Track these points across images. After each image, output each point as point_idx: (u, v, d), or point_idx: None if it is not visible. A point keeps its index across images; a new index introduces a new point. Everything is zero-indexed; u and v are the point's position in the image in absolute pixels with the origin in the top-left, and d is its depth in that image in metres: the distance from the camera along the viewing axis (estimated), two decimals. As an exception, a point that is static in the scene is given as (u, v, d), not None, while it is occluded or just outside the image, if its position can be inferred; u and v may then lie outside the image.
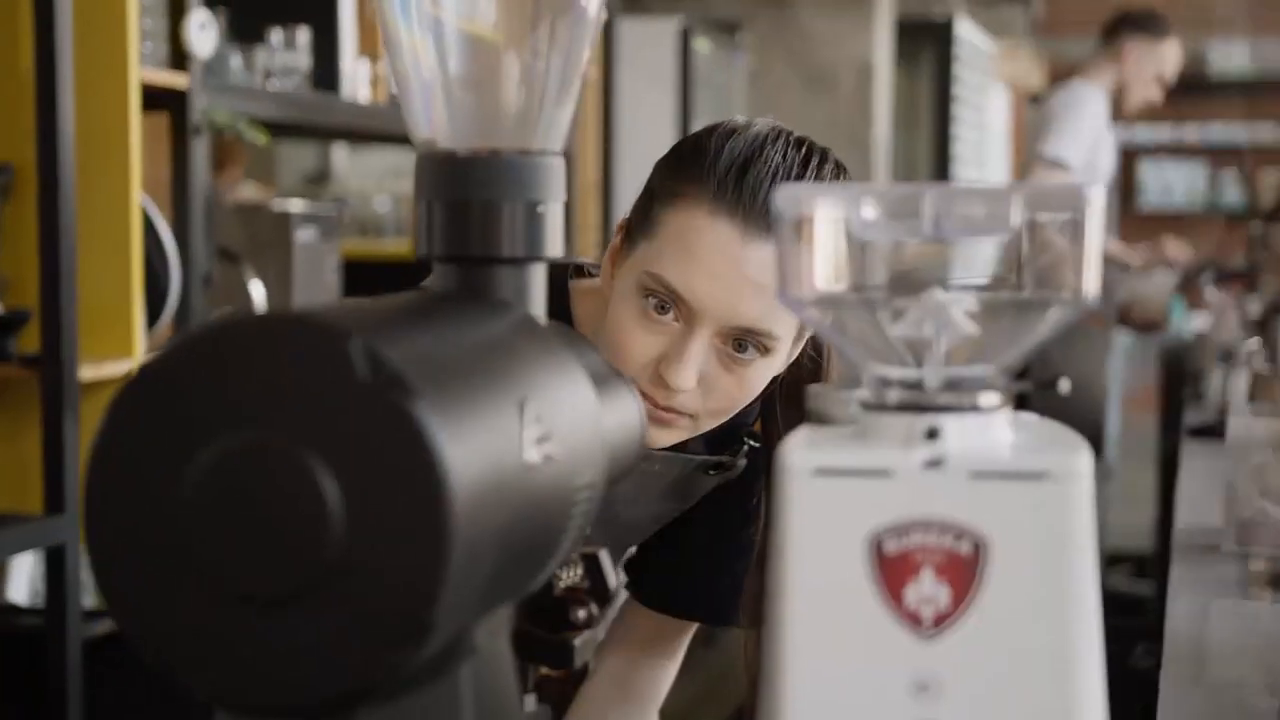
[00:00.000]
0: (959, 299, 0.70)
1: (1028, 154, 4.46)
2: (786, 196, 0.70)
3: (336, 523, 0.60)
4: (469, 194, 0.80)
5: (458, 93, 0.81)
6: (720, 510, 1.44)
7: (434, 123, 0.82)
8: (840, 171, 1.29)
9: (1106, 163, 4.47)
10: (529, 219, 0.80)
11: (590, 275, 1.41)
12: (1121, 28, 4.48)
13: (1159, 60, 4.44)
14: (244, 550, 0.61)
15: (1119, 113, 4.49)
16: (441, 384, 0.63)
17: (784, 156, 1.24)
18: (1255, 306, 4.17)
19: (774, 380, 1.31)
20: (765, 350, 1.24)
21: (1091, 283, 0.69)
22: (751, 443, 1.40)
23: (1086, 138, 4.35)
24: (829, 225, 0.70)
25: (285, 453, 0.61)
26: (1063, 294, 0.69)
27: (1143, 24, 4.45)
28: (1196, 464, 2.67)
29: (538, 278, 0.82)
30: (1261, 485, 1.94)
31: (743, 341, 1.24)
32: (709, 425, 1.28)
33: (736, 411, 1.28)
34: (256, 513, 0.61)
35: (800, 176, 1.23)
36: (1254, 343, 3.09)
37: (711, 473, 1.41)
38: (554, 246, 0.82)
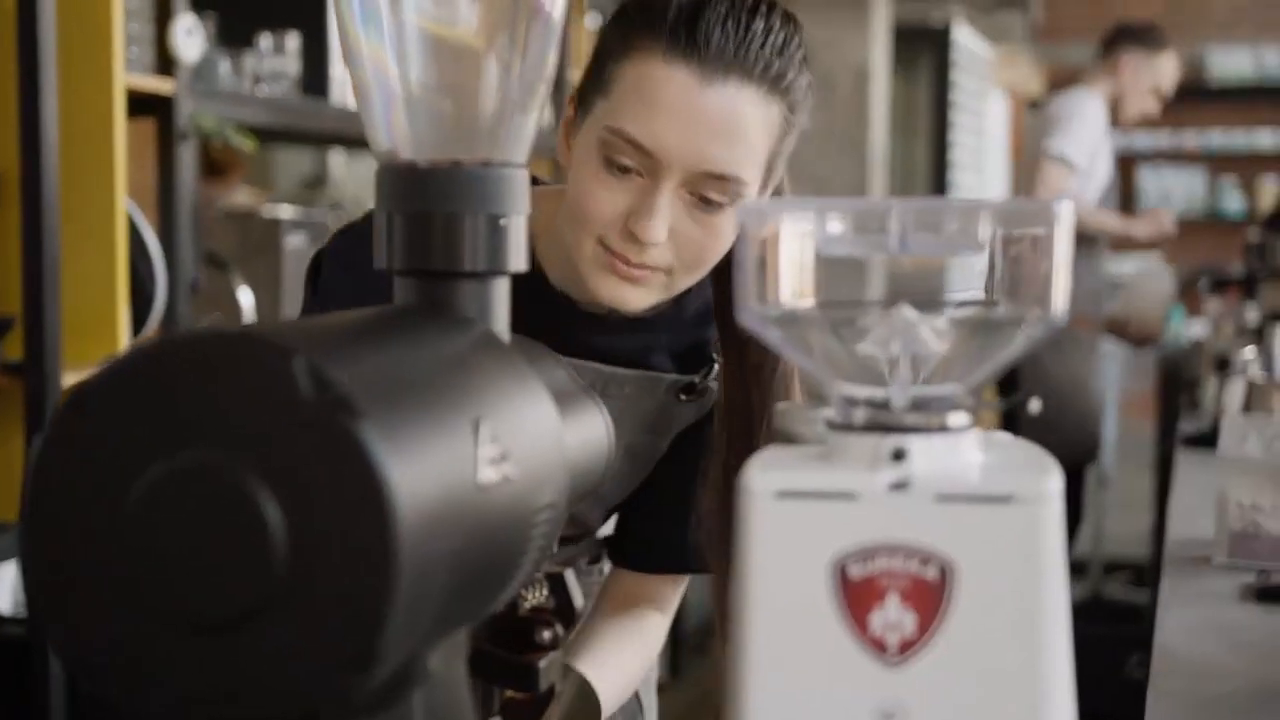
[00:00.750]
0: (927, 317, 0.68)
1: (1028, 153, 4.45)
2: (750, 212, 0.69)
3: (280, 546, 0.58)
4: (430, 206, 0.78)
5: (418, 102, 0.79)
6: (690, 456, 1.42)
7: (394, 133, 0.80)
8: (790, 23, 1.26)
9: (1104, 169, 4.47)
10: (491, 232, 0.79)
11: (537, 183, 1.40)
12: (1118, 40, 4.48)
13: (1155, 73, 4.44)
14: (186, 573, 0.59)
15: (1115, 122, 4.49)
16: (391, 403, 0.61)
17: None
18: (1253, 314, 4.15)
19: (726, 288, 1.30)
20: (734, 198, 1.22)
21: (1061, 301, 0.67)
22: (717, 360, 1.39)
23: (1088, 142, 4.35)
24: (794, 240, 0.69)
25: (228, 474, 0.59)
26: (1033, 312, 0.67)
27: (1139, 37, 4.45)
28: (1191, 473, 2.65)
29: (501, 292, 0.80)
30: (1254, 498, 1.92)
31: (708, 197, 1.22)
32: (684, 282, 1.26)
33: (709, 267, 1.26)
34: (198, 535, 0.59)
35: (752, 16, 1.21)
36: (1250, 351, 3.08)
37: (684, 398, 1.39)
38: (518, 260, 0.80)
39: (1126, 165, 9.95)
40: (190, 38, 2.53)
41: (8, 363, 2.27)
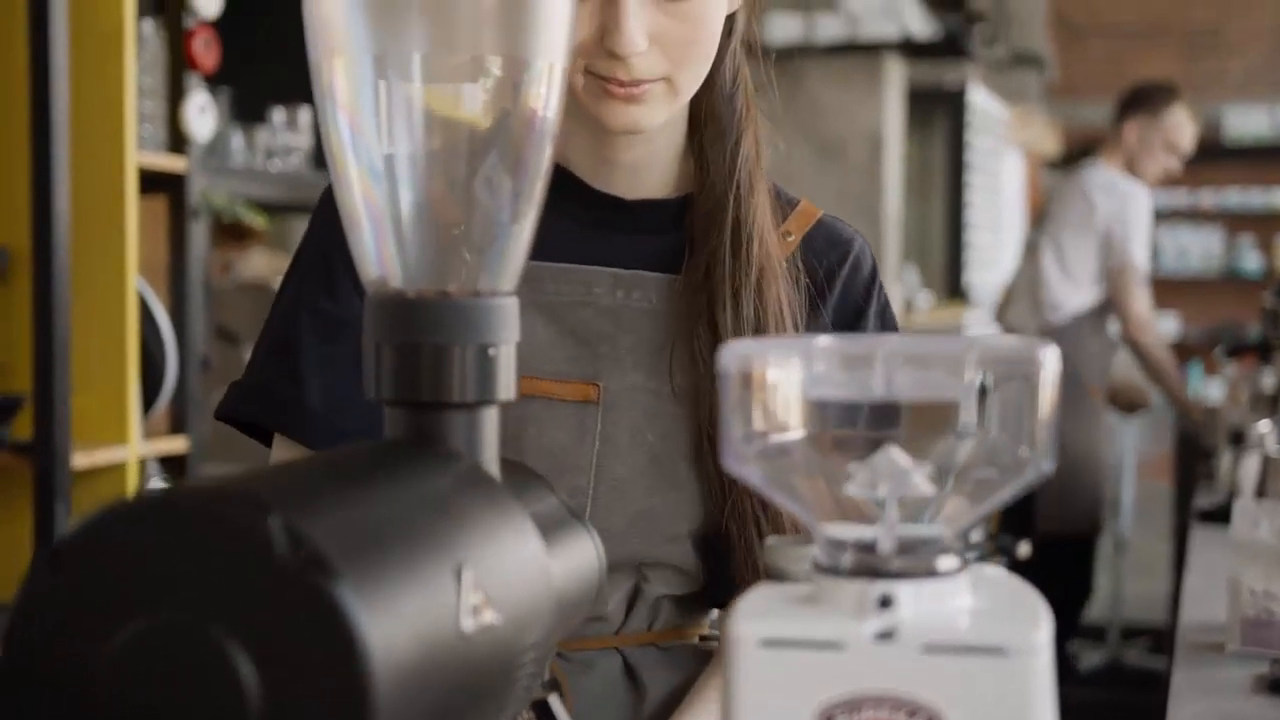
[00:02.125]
0: (916, 462, 0.67)
1: (1111, 258, 4.37)
2: (733, 354, 0.68)
3: (255, 707, 0.58)
4: (419, 337, 0.77)
5: (408, 231, 0.79)
6: None
7: (384, 261, 0.80)
8: None
9: None
10: (480, 362, 0.78)
11: None
12: (1123, 107, 4.51)
13: (1164, 132, 4.43)
14: (161, 732, 0.59)
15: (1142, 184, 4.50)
16: (369, 558, 0.61)
17: None
18: (1270, 380, 4.12)
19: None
20: None
21: (1047, 446, 0.66)
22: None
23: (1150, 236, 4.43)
24: (777, 382, 0.68)
25: (203, 633, 0.58)
26: (1023, 455, 0.67)
27: (1140, 100, 4.47)
28: (1205, 552, 2.63)
29: (489, 422, 0.79)
30: (1266, 584, 1.90)
31: None
32: (689, 86, 1.19)
33: (710, 59, 1.19)
34: (174, 695, 0.58)
35: None
36: (1265, 425, 3.05)
37: None
38: (506, 389, 0.79)
39: (1143, 224, 9.94)
40: (203, 115, 2.55)
41: (17, 442, 2.28)
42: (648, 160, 1.26)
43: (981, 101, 7.42)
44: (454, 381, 0.77)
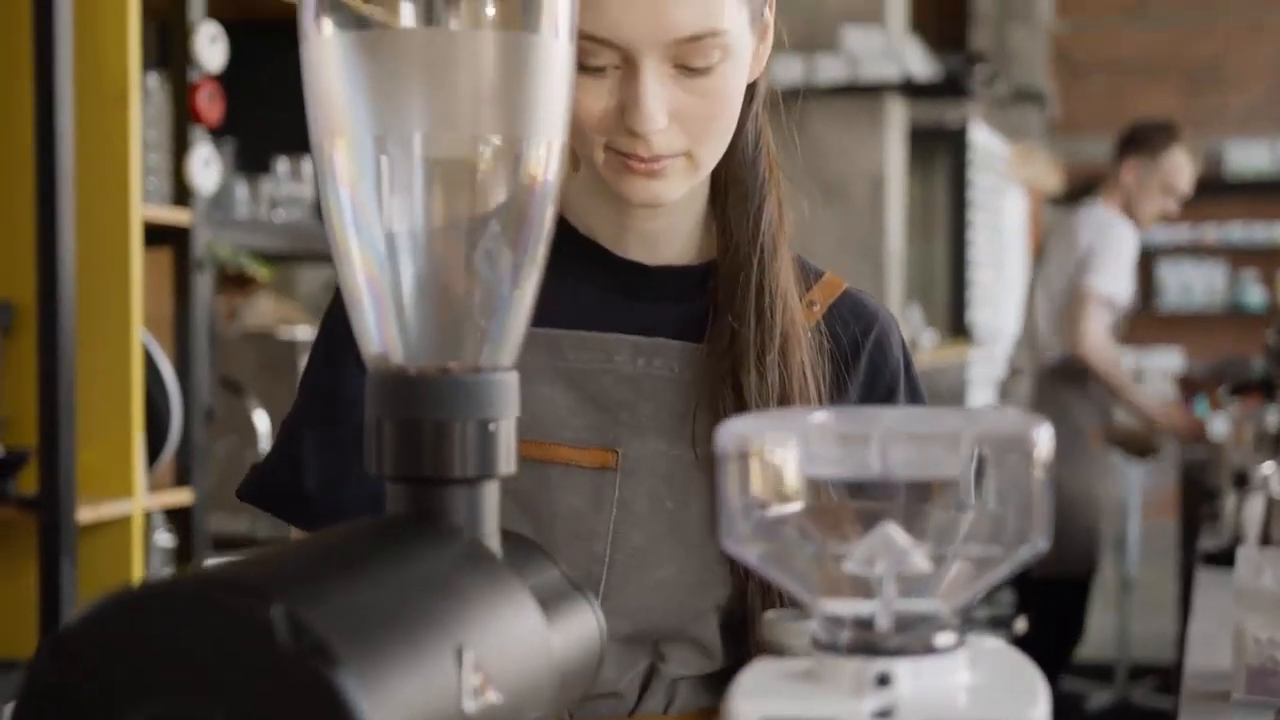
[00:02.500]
0: (912, 540, 0.68)
1: (1059, 280, 4.41)
2: (730, 433, 0.69)
3: (257, 795, 0.58)
4: (420, 413, 0.78)
5: (409, 308, 0.80)
6: None
7: (385, 338, 0.80)
8: None
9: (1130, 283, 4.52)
10: (481, 437, 0.79)
11: None
12: (1122, 147, 4.53)
13: (1162, 174, 4.44)
14: (164, 820, 0.59)
15: (1135, 224, 4.52)
16: (370, 643, 0.61)
17: None
18: (1274, 418, 4.12)
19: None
20: (722, 51, 1.13)
21: (1043, 523, 0.67)
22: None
23: (1127, 273, 4.40)
24: (774, 461, 0.69)
25: (205, 721, 0.59)
26: (1016, 535, 0.67)
27: (1139, 141, 4.48)
28: (1210, 596, 2.62)
29: (490, 496, 0.80)
30: (1271, 632, 1.90)
31: (692, 65, 1.13)
32: (709, 160, 1.17)
33: (730, 132, 1.17)
34: (176, 782, 0.59)
35: None
36: (1269, 466, 3.05)
37: None
38: (507, 463, 0.80)
39: (1146, 259, 9.96)
40: (207, 168, 2.56)
41: (22, 496, 2.28)
42: (670, 228, 1.26)
43: (983, 139, 7.44)
44: (455, 457, 0.78)
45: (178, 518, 2.63)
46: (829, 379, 1.24)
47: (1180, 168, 4.48)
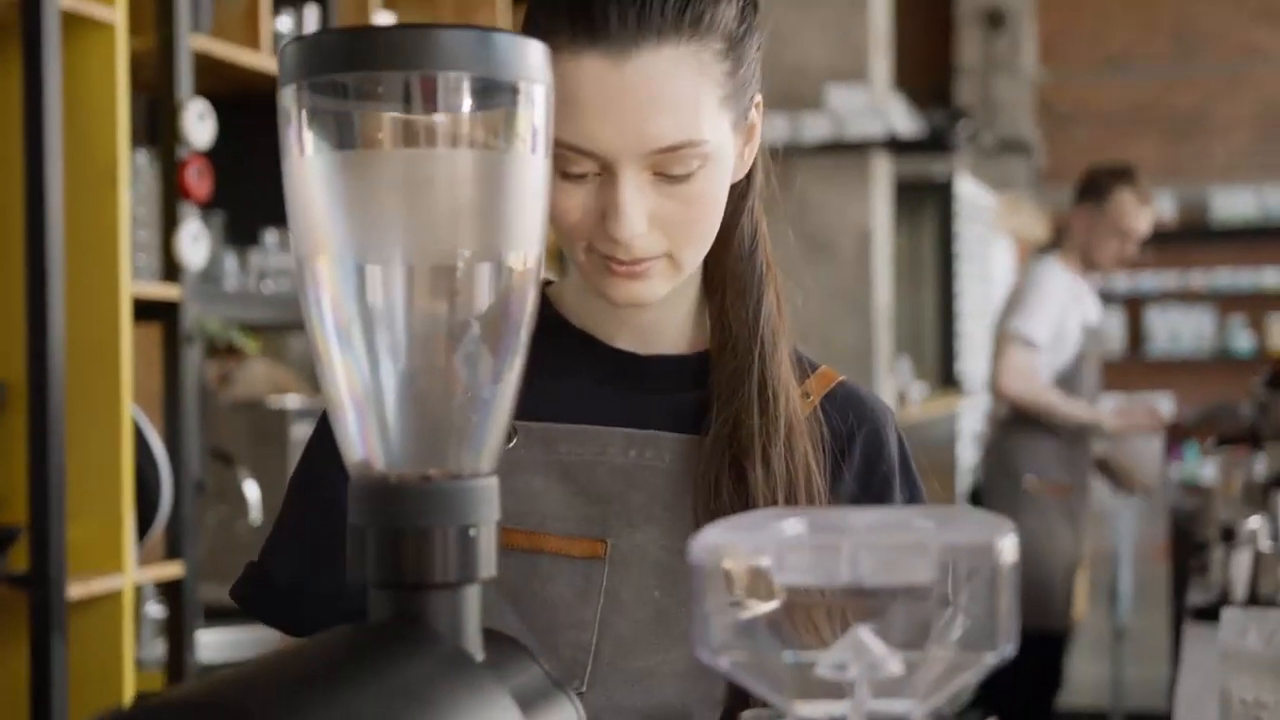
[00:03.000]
0: (884, 645, 0.69)
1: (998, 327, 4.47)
2: (704, 544, 0.71)
3: None
4: (402, 521, 0.80)
5: (390, 417, 0.81)
6: None
7: (367, 446, 0.82)
8: None
9: (1073, 341, 4.47)
10: (462, 543, 0.80)
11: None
12: (1076, 195, 4.56)
13: (1109, 217, 4.42)
14: None
15: (1094, 269, 4.51)
16: (353, 762, 0.63)
17: None
18: (1261, 468, 4.14)
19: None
20: (701, 159, 1.13)
21: (1009, 628, 0.68)
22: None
23: (1051, 317, 4.35)
24: (748, 571, 0.70)
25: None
26: (985, 640, 0.69)
27: (1087, 188, 4.50)
28: (1197, 652, 2.63)
29: (471, 600, 0.81)
30: (1256, 694, 1.91)
31: (671, 173, 1.12)
32: (691, 260, 1.17)
33: (712, 233, 1.17)
34: None
35: None
36: (1255, 521, 3.06)
37: None
38: (487, 567, 0.82)
39: (1135, 306, 10.02)
40: (196, 244, 2.58)
41: (13, 574, 2.29)
42: (661, 319, 1.26)
43: (969, 191, 7.49)
44: (436, 563, 0.79)
45: (169, 589, 2.63)
46: (827, 470, 1.24)
47: (1127, 210, 4.42)
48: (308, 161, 0.79)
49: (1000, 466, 4.50)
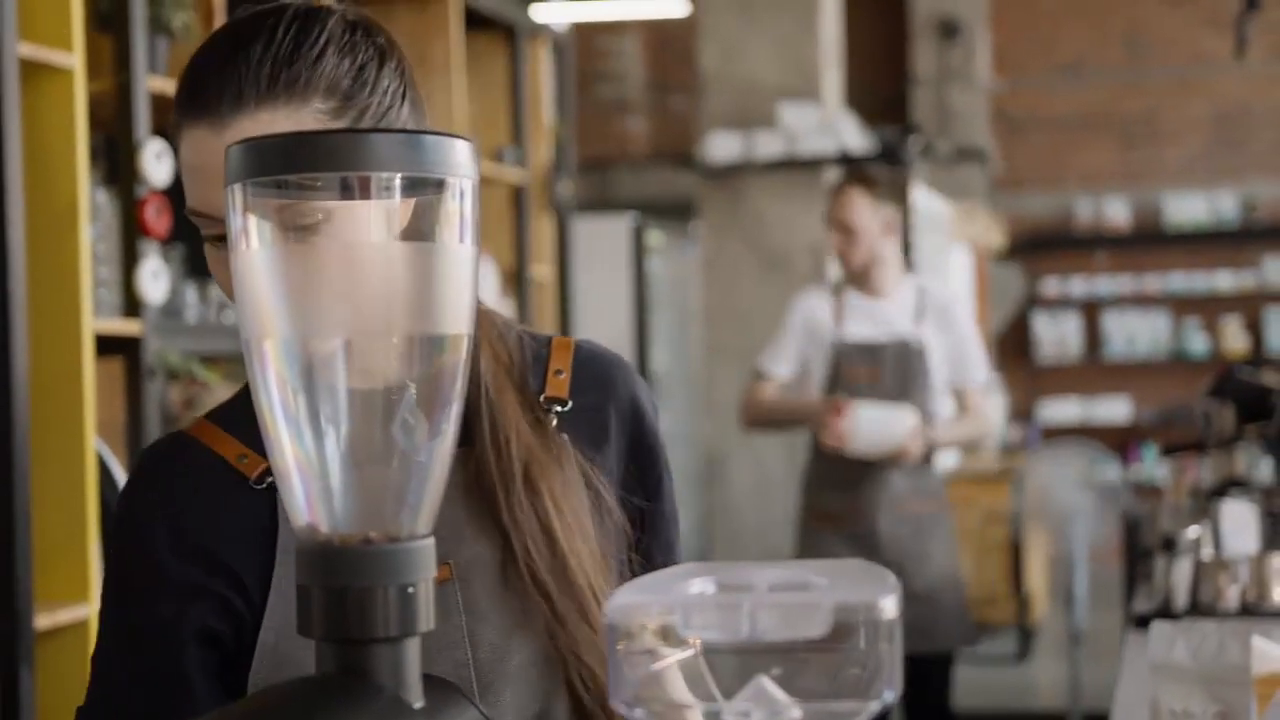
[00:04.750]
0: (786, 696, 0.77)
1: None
2: (616, 606, 0.78)
3: None
4: (345, 580, 0.87)
5: (334, 484, 0.88)
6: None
7: (312, 511, 0.89)
8: (290, 30, 1.19)
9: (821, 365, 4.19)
10: (402, 601, 0.87)
11: None
12: None
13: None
14: None
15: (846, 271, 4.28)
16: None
17: (239, 28, 1.20)
18: (1207, 473, 4.22)
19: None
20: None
21: (891, 679, 0.76)
22: (558, 406, 1.31)
23: (791, 348, 4.19)
24: (658, 629, 0.78)
25: None
26: (869, 690, 0.76)
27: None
28: (1137, 662, 2.70)
29: (412, 651, 0.88)
30: (1185, 704, 1.99)
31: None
32: None
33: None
34: None
35: (239, 49, 1.18)
36: (1194, 530, 3.13)
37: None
38: (426, 620, 0.89)
39: (1091, 310, 10.15)
40: (156, 280, 2.64)
41: (-21, 607, 2.34)
42: None
43: (924, 202, 7.58)
44: (378, 619, 0.87)
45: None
46: (593, 454, 1.31)
47: (830, 202, 4.22)
48: (253, 253, 0.86)
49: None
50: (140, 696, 1.24)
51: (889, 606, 0.76)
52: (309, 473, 0.89)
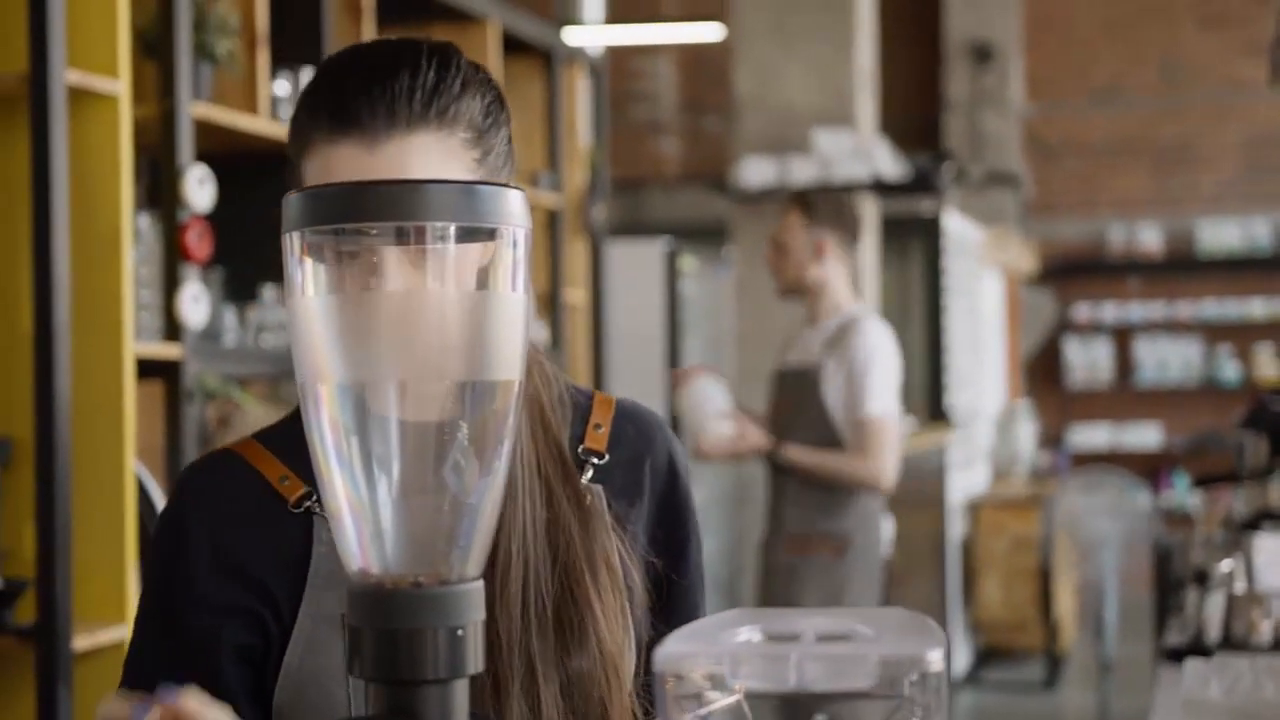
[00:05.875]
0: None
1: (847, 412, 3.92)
2: (667, 656, 0.79)
3: None
4: (395, 623, 0.88)
5: (386, 529, 0.90)
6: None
7: (364, 555, 0.90)
8: (437, 58, 1.23)
9: None
10: (451, 643, 0.89)
11: None
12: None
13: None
14: None
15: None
16: None
17: (379, 52, 1.24)
18: (1241, 505, 4.20)
19: None
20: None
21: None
22: (595, 459, 1.32)
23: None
24: (705, 678, 0.79)
25: None
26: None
27: None
28: (1170, 695, 2.69)
29: (460, 693, 0.90)
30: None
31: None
32: None
33: None
34: None
35: (394, 72, 1.21)
36: (1227, 564, 3.12)
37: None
38: (475, 663, 0.90)
39: (1123, 336, 10.11)
40: (196, 304, 2.67)
41: (20, 627, 2.37)
42: None
43: (956, 226, 7.58)
44: (428, 661, 0.88)
45: (170, 639, 2.71)
46: (625, 513, 1.31)
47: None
48: (309, 300, 0.88)
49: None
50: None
51: (936, 659, 0.77)
52: (361, 515, 0.90)
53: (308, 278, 0.88)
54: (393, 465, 0.89)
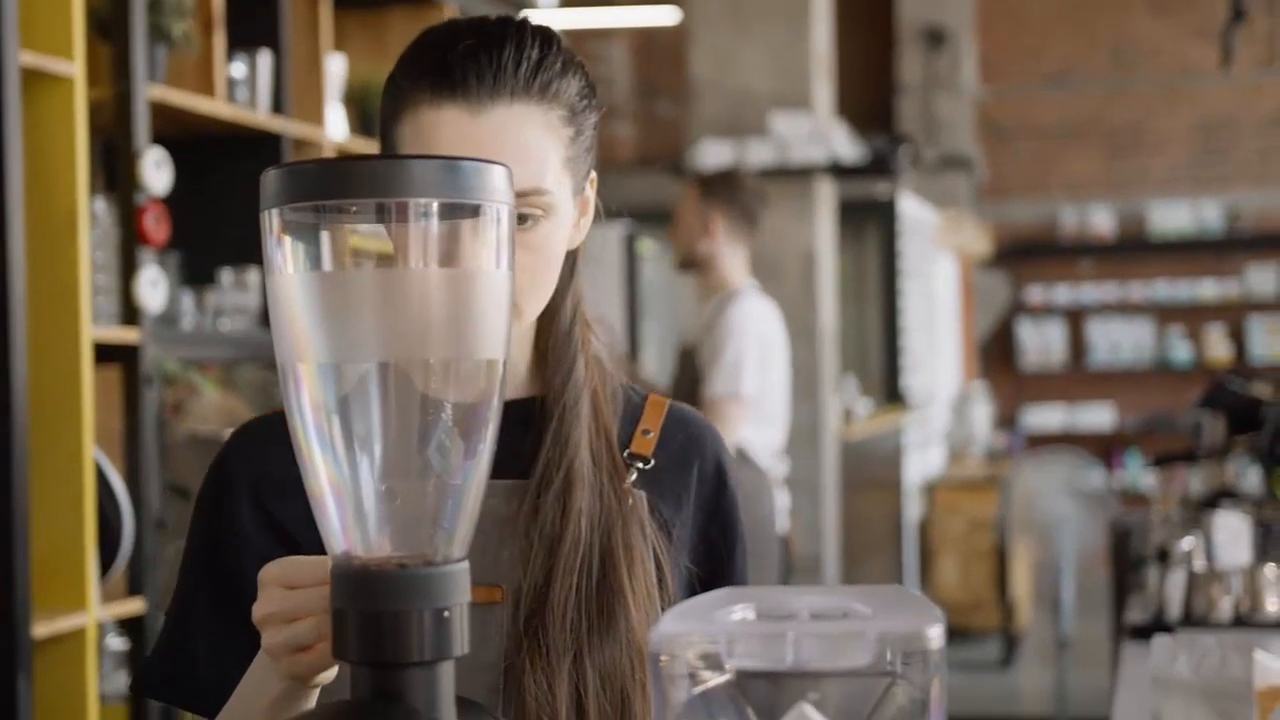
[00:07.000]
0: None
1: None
2: (662, 636, 0.78)
3: None
4: (379, 605, 0.87)
5: (369, 511, 0.88)
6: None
7: (348, 537, 0.89)
8: (540, 37, 1.25)
9: None
10: (436, 625, 0.87)
11: None
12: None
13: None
14: None
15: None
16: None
17: (485, 25, 1.24)
18: (1197, 484, 4.23)
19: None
20: (545, 209, 1.22)
21: (938, 711, 0.76)
22: (640, 464, 1.32)
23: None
24: (701, 657, 0.78)
25: None
26: (913, 716, 0.76)
27: None
28: (1133, 672, 2.71)
29: (446, 675, 0.88)
30: (1188, 717, 1.99)
31: (518, 214, 1.16)
32: (532, 310, 1.25)
33: (552, 285, 1.25)
34: None
35: (500, 42, 1.22)
36: (1188, 542, 3.15)
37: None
38: (461, 644, 0.89)
39: (1075, 318, 10.17)
40: (154, 288, 2.64)
41: (-23, 616, 2.33)
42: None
43: (912, 210, 7.60)
44: (413, 643, 0.87)
45: (130, 626, 2.68)
46: (669, 518, 1.31)
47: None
48: (288, 278, 0.86)
49: None
50: (214, 662, 1.24)
51: (934, 636, 0.76)
52: (344, 496, 0.89)
53: (286, 256, 0.86)
54: (375, 446, 0.88)
